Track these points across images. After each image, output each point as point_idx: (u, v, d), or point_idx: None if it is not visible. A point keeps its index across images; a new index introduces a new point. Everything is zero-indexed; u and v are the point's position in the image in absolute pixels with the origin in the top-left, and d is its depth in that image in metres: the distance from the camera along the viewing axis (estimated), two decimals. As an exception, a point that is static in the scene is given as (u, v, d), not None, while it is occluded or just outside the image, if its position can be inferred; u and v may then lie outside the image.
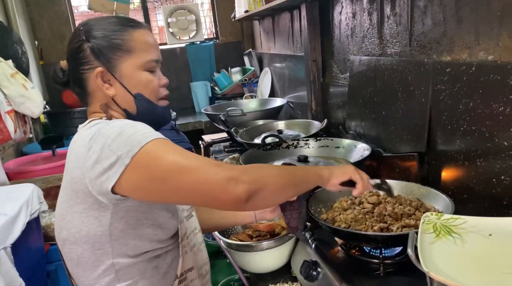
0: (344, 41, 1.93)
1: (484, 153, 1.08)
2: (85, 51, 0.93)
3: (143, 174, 0.78)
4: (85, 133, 0.87)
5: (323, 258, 1.19)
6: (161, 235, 0.92)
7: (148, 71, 0.97)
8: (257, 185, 0.78)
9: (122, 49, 0.93)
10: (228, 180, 0.75)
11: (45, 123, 3.30)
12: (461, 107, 1.15)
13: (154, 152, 0.79)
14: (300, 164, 1.56)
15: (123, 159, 0.78)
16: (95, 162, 0.80)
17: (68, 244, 0.90)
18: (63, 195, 0.90)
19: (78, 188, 0.84)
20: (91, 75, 0.94)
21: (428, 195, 1.19)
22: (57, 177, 2.21)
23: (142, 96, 0.96)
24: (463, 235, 0.84)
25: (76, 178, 0.84)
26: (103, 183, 0.80)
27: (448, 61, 1.21)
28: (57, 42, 3.63)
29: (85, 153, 0.82)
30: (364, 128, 1.75)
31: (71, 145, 0.90)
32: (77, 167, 0.83)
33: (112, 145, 0.80)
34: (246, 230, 1.42)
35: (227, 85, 3.67)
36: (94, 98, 0.97)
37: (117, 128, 0.82)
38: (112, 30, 0.94)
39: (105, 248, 0.87)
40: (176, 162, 0.78)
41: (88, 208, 0.85)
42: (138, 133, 0.81)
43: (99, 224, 0.85)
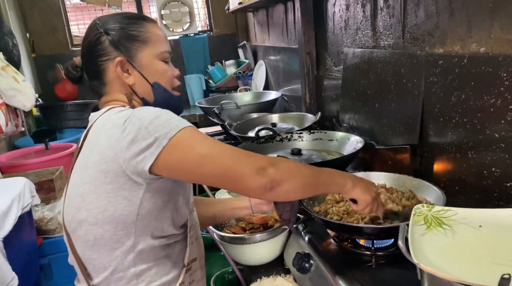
0: (337, 34, 1.92)
1: (476, 145, 1.09)
2: (104, 43, 0.98)
3: (180, 156, 0.82)
4: (115, 116, 0.90)
5: (316, 250, 1.19)
6: (177, 221, 0.96)
7: (163, 61, 1.02)
8: (282, 177, 0.83)
9: (139, 40, 0.99)
10: (258, 169, 0.81)
11: (37, 116, 3.27)
12: (453, 99, 1.15)
13: (191, 137, 0.84)
14: (293, 157, 1.56)
15: (161, 140, 0.82)
16: (131, 142, 0.83)
17: (86, 225, 0.91)
18: (83, 177, 0.91)
19: (108, 168, 0.86)
20: (109, 65, 0.98)
21: (420, 187, 1.19)
22: (50, 170, 2.20)
23: (159, 85, 1.02)
24: (453, 227, 0.85)
25: (108, 158, 0.85)
26: (139, 163, 0.83)
27: (440, 54, 1.21)
28: (49, 35, 3.60)
29: (118, 134, 0.85)
30: (357, 121, 1.75)
31: (99, 128, 0.92)
32: (109, 148, 0.86)
33: (149, 127, 0.83)
34: (239, 222, 1.43)
35: (221, 78, 3.65)
36: (111, 88, 1.01)
37: (153, 113, 0.86)
38: (128, 23, 0.99)
39: (129, 228, 0.89)
40: (212, 148, 0.83)
41: (118, 188, 0.86)
42: (174, 118, 0.85)
43: (128, 203, 0.87)
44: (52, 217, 1.90)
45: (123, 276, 0.92)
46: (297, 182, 0.87)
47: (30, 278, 1.70)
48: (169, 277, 0.96)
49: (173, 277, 0.96)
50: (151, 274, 0.93)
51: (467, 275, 0.68)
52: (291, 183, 0.85)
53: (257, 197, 1.03)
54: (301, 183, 0.88)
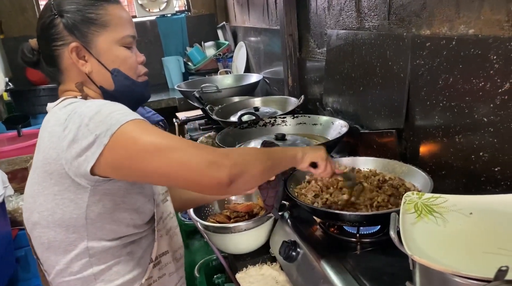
0: (320, 14, 1.87)
1: (463, 129, 1.07)
2: (58, 27, 0.89)
3: (122, 154, 0.75)
4: (60, 112, 0.83)
5: (302, 237, 1.17)
6: (137, 220, 0.90)
7: (125, 47, 0.94)
8: (239, 169, 0.76)
9: (97, 24, 0.90)
10: (210, 163, 0.74)
11: (8, 101, 3.13)
12: (440, 82, 1.13)
13: (133, 131, 0.76)
14: (277, 142, 1.53)
15: (102, 139, 0.75)
16: (72, 142, 0.77)
17: (39, 228, 0.86)
18: (34, 176, 0.85)
19: (52, 169, 0.80)
20: (64, 51, 0.90)
21: (409, 172, 1.18)
22: (23, 158, 2.11)
23: (119, 71, 0.94)
24: (444, 214, 0.83)
25: (50, 159, 0.80)
26: (81, 164, 0.76)
27: (427, 35, 1.18)
28: (18, 15, 3.41)
29: (60, 132, 0.79)
30: (341, 104, 1.72)
31: (44, 124, 0.86)
32: (51, 147, 0.79)
33: (90, 124, 0.76)
34: (223, 210, 1.39)
35: (200, 60, 3.56)
36: (67, 76, 0.93)
37: (95, 107, 0.78)
38: (85, 4, 0.90)
39: (80, 231, 0.84)
40: (156, 142, 0.75)
41: (64, 190, 0.81)
42: (116, 113, 0.77)
43: (75, 206, 0.82)
44: (27, 208, 1.83)
45: (81, 277, 0.87)
46: (254, 169, 0.81)
47: (5, 270, 1.64)
48: (133, 275, 0.91)
49: (137, 273, 0.91)
50: (111, 273, 0.88)
51: (460, 265, 0.67)
52: (249, 172, 0.79)
53: (213, 194, 0.99)
54: (258, 169, 0.82)
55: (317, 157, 1.01)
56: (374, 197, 1.13)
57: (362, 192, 1.15)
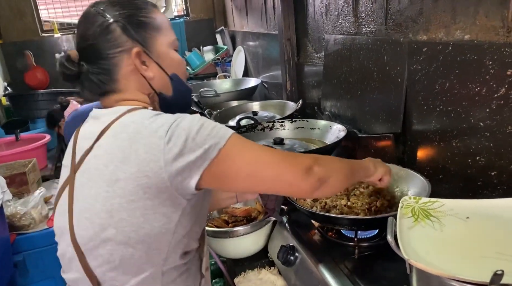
0: (318, 19, 1.88)
1: (460, 134, 1.08)
2: (115, 32, 0.84)
3: (230, 166, 0.77)
4: (150, 122, 0.78)
5: (300, 241, 1.18)
6: (199, 233, 0.90)
7: (175, 50, 0.93)
8: (327, 174, 0.82)
9: (152, 27, 0.88)
10: (306, 170, 0.79)
11: (7, 106, 3.13)
12: (437, 87, 1.14)
13: (239, 145, 0.78)
14: (275, 146, 1.53)
15: (211, 152, 0.75)
16: (178, 155, 0.74)
17: (111, 245, 0.79)
18: (112, 189, 0.77)
19: (150, 183, 0.75)
20: (123, 58, 0.85)
21: (407, 176, 1.18)
22: (22, 163, 2.10)
23: (177, 77, 0.93)
24: (441, 219, 0.84)
25: (150, 172, 0.75)
26: (186, 178, 0.75)
27: (424, 41, 1.19)
28: (17, 20, 3.42)
29: (162, 145, 0.75)
30: (339, 108, 1.73)
31: (128, 135, 0.78)
32: (151, 160, 0.75)
33: (197, 138, 0.75)
34: (222, 215, 1.40)
35: (199, 64, 3.57)
36: (125, 85, 0.87)
37: (197, 121, 0.77)
38: (135, 8, 0.88)
39: (162, 247, 0.80)
40: (260, 155, 0.79)
41: (158, 204, 0.77)
42: (219, 126, 0.78)
43: (167, 220, 0.79)
44: (26, 212, 1.83)
45: None
46: (339, 176, 0.86)
47: (3, 276, 1.64)
48: None
49: None
50: None
51: (457, 269, 0.67)
52: (335, 178, 0.84)
53: (307, 197, 1.04)
54: (343, 176, 0.87)
55: (387, 171, 1.03)
56: (372, 201, 1.13)
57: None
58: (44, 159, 2.44)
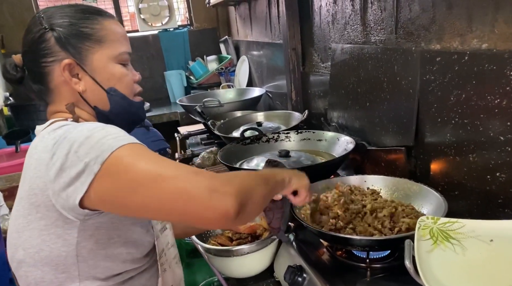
0: (324, 28, 1.84)
1: (478, 148, 1.02)
2: (49, 41, 0.83)
3: (114, 183, 0.67)
4: (48, 137, 0.75)
5: (308, 261, 1.11)
6: (136, 254, 0.82)
7: (121, 64, 0.88)
8: (243, 196, 0.67)
9: (92, 39, 0.84)
10: (211, 191, 0.63)
11: (8, 116, 3.10)
12: (452, 99, 1.08)
13: (126, 158, 0.68)
14: (281, 159, 1.47)
15: (92, 167, 0.67)
16: (60, 170, 0.69)
17: (25, 266, 0.77)
18: (19, 208, 0.77)
19: (38, 201, 0.72)
20: (55, 68, 0.83)
21: (420, 192, 1.12)
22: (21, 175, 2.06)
23: (116, 91, 0.88)
24: (462, 241, 0.78)
25: (37, 189, 0.72)
26: (70, 196, 0.69)
27: (437, 50, 1.14)
28: (20, 30, 3.39)
29: (47, 160, 0.71)
30: (347, 120, 1.68)
31: (31, 150, 0.78)
32: (38, 176, 0.72)
33: (79, 151, 0.69)
34: (225, 231, 1.33)
35: (203, 74, 3.54)
36: (57, 96, 0.86)
37: (85, 132, 0.71)
38: (79, 18, 0.85)
39: (71, 271, 0.76)
40: (150, 169, 0.66)
41: (51, 224, 0.73)
42: (108, 137, 0.70)
43: (64, 243, 0.74)
44: (24, 226, 1.78)
45: None
46: (256, 196, 0.72)
47: (-1, 292, 1.58)
48: None
49: None
50: None
51: (485, 300, 0.61)
52: (253, 199, 0.70)
53: (218, 227, 0.91)
54: (262, 194, 0.74)
55: (302, 186, 0.94)
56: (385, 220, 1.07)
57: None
58: (44, 171, 2.39)
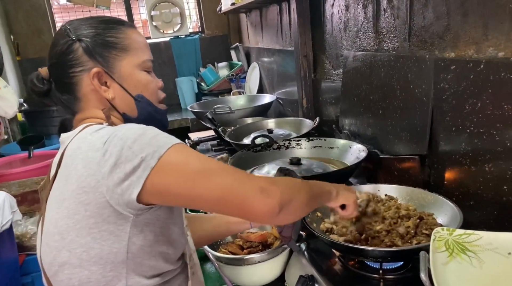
0: (336, 36, 1.83)
1: (494, 158, 1.00)
2: (77, 52, 0.85)
3: (171, 177, 0.71)
4: (92, 137, 0.77)
5: (320, 271, 1.10)
6: (173, 254, 0.84)
7: (145, 71, 0.91)
8: (287, 196, 0.73)
9: (118, 48, 0.88)
10: (261, 189, 0.70)
11: (22, 122, 3.14)
12: (467, 107, 1.06)
13: (183, 154, 0.72)
14: (292, 166, 1.47)
15: (149, 161, 0.70)
16: (114, 166, 0.70)
17: (68, 268, 0.77)
18: (60, 210, 0.76)
19: (89, 199, 0.73)
20: (83, 78, 0.86)
21: (434, 202, 1.10)
22: (34, 180, 2.08)
23: (143, 97, 0.91)
24: (479, 254, 0.76)
25: (88, 187, 0.72)
26: (125, 190, 0.70)
27: (452, 58, 1.13)
28: (34, 37, 3.47)
29: (99, 157, 0.72)
30: (359, 127, 1.66)
31: (73, 151, 0.78)
32: (88, 174, 0.72)
33: (134, 147, 0.71)
34: (236, 240, 1.33)
35: (213, 80, 3.55)
36: (86, 104, 0.88)
37: (137, 130, 0.74)
38: (104, 28, 0.88)
39: (119, 269, 0.76)
40: (206, 166, 0.72)
41: (102, 221, 0.73)
42: (161, 135, 0.74)
43: (116, 239, 0.74)
44: (36, 232, 1.79)
45: None
46: (302, 199, 0.78)
47: (11, 298, 1.59)
48: None
49: None
50: None
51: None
52: (296, 201, 0.76)
53: (264, 222, 0.93)
54: (305, 199, 0.79)
55: (350, 199, 0.95)
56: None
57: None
58: (57, 176, 2.41)
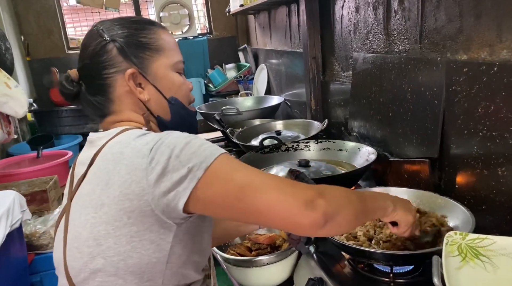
0: (346, 38, 1.82)
1: (507, 161, 0.99)
2: (110, 52, 0.83)
3: (218, 189, 0.69)
4: (136, 142, 0.74)
5: (329, 274, 1.09)
6: (201, 263, 0.83)
7: (178, 73, 0.90)
8: (333, 209, 0.69)
9: (152, 48, 0.85)
10: (307, 202, 0.67)
11: (32, 122, 3.16)
12: (480, 110, 1.05)
13: (228, 165, 0.70)
14: (300, 168, 1.46)
15: (195, 172, 0.68)
16: (161, 175, 0.69)
17: (101, 276, 0.74)
18: (99, 215, 0.73)
19: (133, 206, 0.70)
20: (117, 79, 0.84)
21: (445, 206, 1.09)
22: (43, 180, 2.09)
23: (176, 100, 0.89)
24: (492, 259, 0.75)
25: (132, 194, 0.70)
26: (172, 200, 0.69)
27: (464, 60, 1.12)
28: (44, 38, 3.49)
29: (145, 164, 0.70)
30: (368, 130, 1.65)
31: (113, 156, 0.75)
32: (133, 181, 0.70)
33: (181, 156, 0.69)
34: (244, 241, 1.32)
35: (221, 82, 3.55)
36: (121, 106, 0.86)
37: (183, 139, 0.72)
38: (136, 28, 0.86)
39: (155, 278, 0.74)
40: (252, 179, 0.69)
41: (144, 230, 0.71)
42: (207, 145, 0.72)
43: (157, 248, 0.73)
44: (45, 231, 1.79)
45: None
46: (349, 212, 0.73)
47: (20, 297, 1.60)
48: None
49: None
50: None
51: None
52: (344, 215, 0.72)
53: (308, 234, 0.90)
54: (353, 213, 0.74)
55: (404, 220, 0.87)
56: None
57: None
58: (65, 176, 2.41)
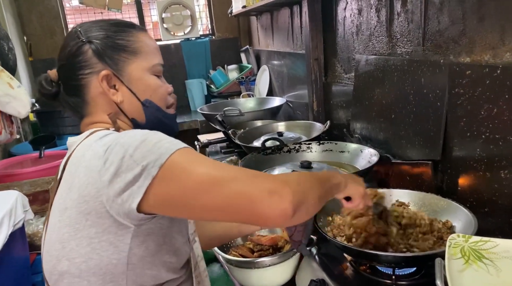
0: (348, 39, 1.82)
1: (510, 164, 0.99)
2: (86, 53, 0.84)
3: (174, 187, 0.67)
4: (95, 145, 0.75)
5: (331, 276, 1.09)
6: (176, 263, 0.82)
7: (155, 75, 0.90)
8: (299, 197, 0.67)
9: (128, 51, 0.86)
10: (271, 192, 0.64)
11: (34, 122, 3.17)
12: (483, 113, 1.05)
13: (185, 161, 0.68)
14: (302, 170, 1.46)
15: (150, 170, 0.67)
16: (114, 175, 0.68)
17: (68, 278, 0.75)
18: (63, 218, 0.75)
19: (90, 208, 0.71)
20: (92, 80, 0.85)
21: (448, 208, 1.09)
22: (45, 180, 2.09)
23: (151, 103, 0.89)
24: (495, 261, 0.75)
25: (88, 196, 0.71)
26: (126, 200, 0.68)
27: (467, 63, 1.12)
28: (47, 38, 3.50)
29: (100, 166, 0.70)
30: (370, 131, 1.65)
31: (77, 159, 0.76)
32: (89, 183, 0.71)
33: (135, 154, 0.68)
34: (246, 242, 1.32)
35: (223, 83, 3.56)
36: (94, 108, 0.87)
37: (139, 136, 0.71)
38: (114, 31, 0.87)
39: (119, 280, 0.74)
40: (211, 173, 0.67)
41: (102, 231, 0.72)
42: (164, 141, 0.70)
43: (115, 250, 0.73)
44: (47, 231, 1.80)
45: None
46: (314, 196, 0.72)
47: (22, 297, 1.60)
48: None
49: None
50: None
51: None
52: (310, 200, 0.70)
53: (276, 226, 0.90)
54: (317, 196, 0.73)
55: (356, 192, 0.90)
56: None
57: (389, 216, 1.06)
58: (67, 176, 2.43)
